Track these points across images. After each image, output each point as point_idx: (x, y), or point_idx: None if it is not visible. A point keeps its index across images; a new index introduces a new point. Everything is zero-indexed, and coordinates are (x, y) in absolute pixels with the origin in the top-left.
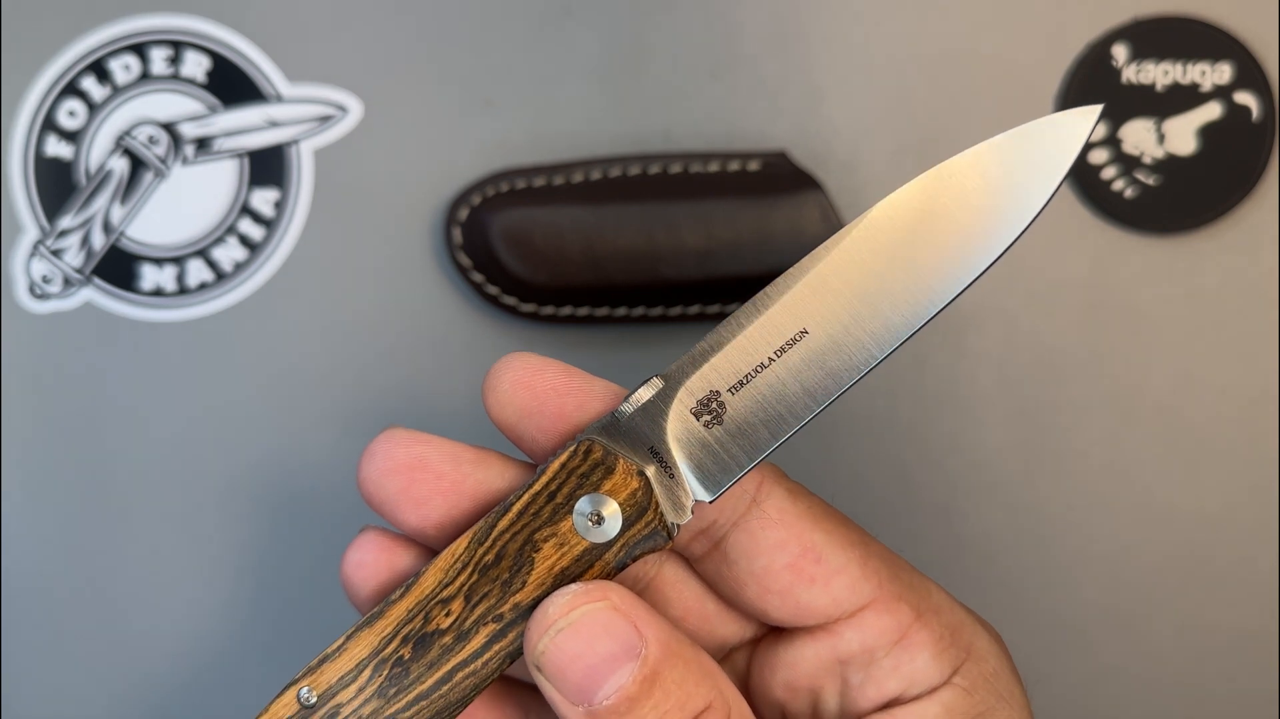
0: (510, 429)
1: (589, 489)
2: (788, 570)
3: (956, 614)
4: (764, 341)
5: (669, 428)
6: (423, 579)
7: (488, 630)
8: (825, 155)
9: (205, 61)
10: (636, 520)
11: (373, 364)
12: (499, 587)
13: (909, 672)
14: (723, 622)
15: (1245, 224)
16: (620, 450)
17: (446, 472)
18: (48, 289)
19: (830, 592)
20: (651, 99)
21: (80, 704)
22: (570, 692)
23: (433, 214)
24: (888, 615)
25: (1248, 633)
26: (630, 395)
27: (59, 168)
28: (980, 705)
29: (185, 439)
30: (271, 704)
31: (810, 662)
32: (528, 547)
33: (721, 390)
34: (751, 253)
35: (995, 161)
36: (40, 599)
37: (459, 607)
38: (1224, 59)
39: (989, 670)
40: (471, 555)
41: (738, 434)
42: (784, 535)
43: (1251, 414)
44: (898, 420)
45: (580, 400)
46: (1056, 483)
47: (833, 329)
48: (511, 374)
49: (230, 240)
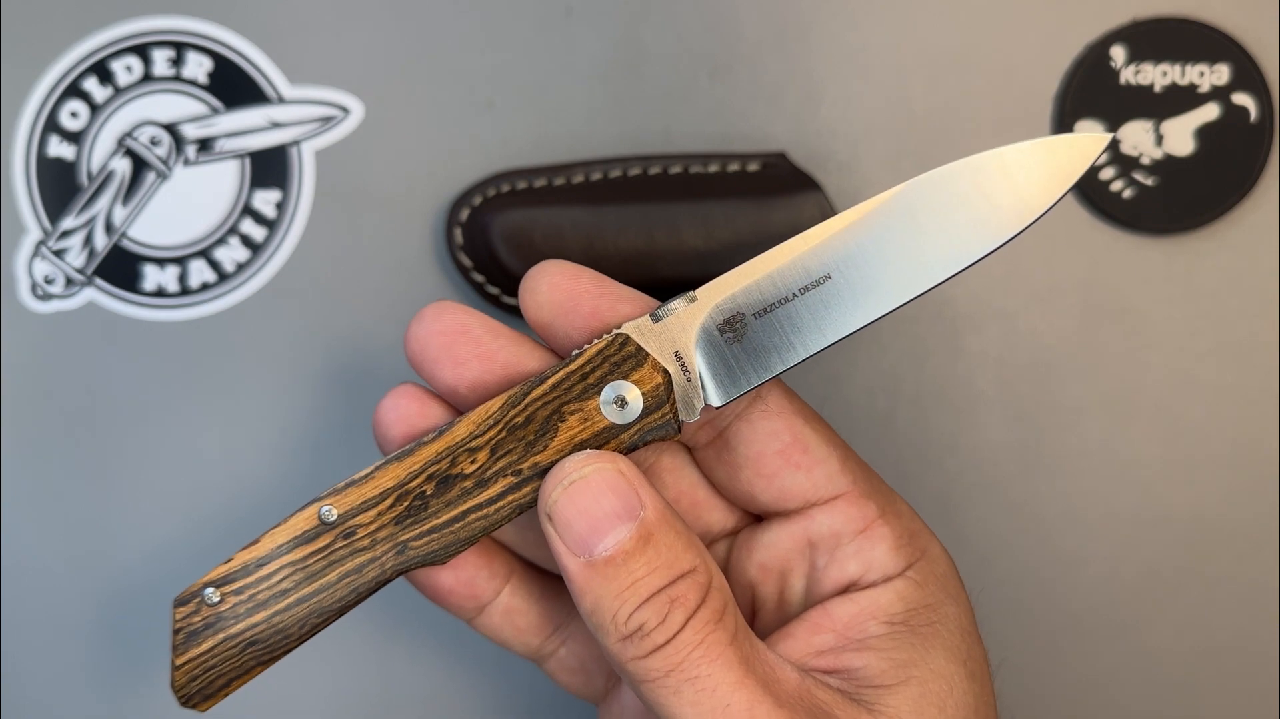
0: (545, 327)
1: (618, 376)
2: (778, 456)
3: (915, 523)
4: (793, 279)
5: (695, 337)
6: (455, 428)
7: (506, 482)
8: (824, 156)
9: (207, 63)
10: (654, 410)
11: (373, 364)
12: (523, 446)
13: (869, 558)
14: (710, 509)
15: (1243, 225)
16: (649, 348)
17: (485, 339)
18: (50, 289)
19: (812, 478)
20: (651, 99)
21: (81, 704)
22: (574, 542)
23: (434, 215)
24: (855, 507)
25: (1247, 633)
26: (666, 304)
27: (61, 168)
28: (930, 598)
29: (186, 439)
30: (292, 516)
31: (784, 542)
32: (555, 416)
33: (747, 314)
34: (751, 253)
35: (1016, 163)
36: (41, 598)
37: (484, 457)
38: (1222, 60)
39: (940, 571)
40: (504, 415)
41: (753, 354)
42: (779, 425)
43: (1251, 414)
44: (897, 420)
45: (612, 303)
46: (1055, 483)
47: (853, 279)
48: (549, 278)
49: (232, 241)
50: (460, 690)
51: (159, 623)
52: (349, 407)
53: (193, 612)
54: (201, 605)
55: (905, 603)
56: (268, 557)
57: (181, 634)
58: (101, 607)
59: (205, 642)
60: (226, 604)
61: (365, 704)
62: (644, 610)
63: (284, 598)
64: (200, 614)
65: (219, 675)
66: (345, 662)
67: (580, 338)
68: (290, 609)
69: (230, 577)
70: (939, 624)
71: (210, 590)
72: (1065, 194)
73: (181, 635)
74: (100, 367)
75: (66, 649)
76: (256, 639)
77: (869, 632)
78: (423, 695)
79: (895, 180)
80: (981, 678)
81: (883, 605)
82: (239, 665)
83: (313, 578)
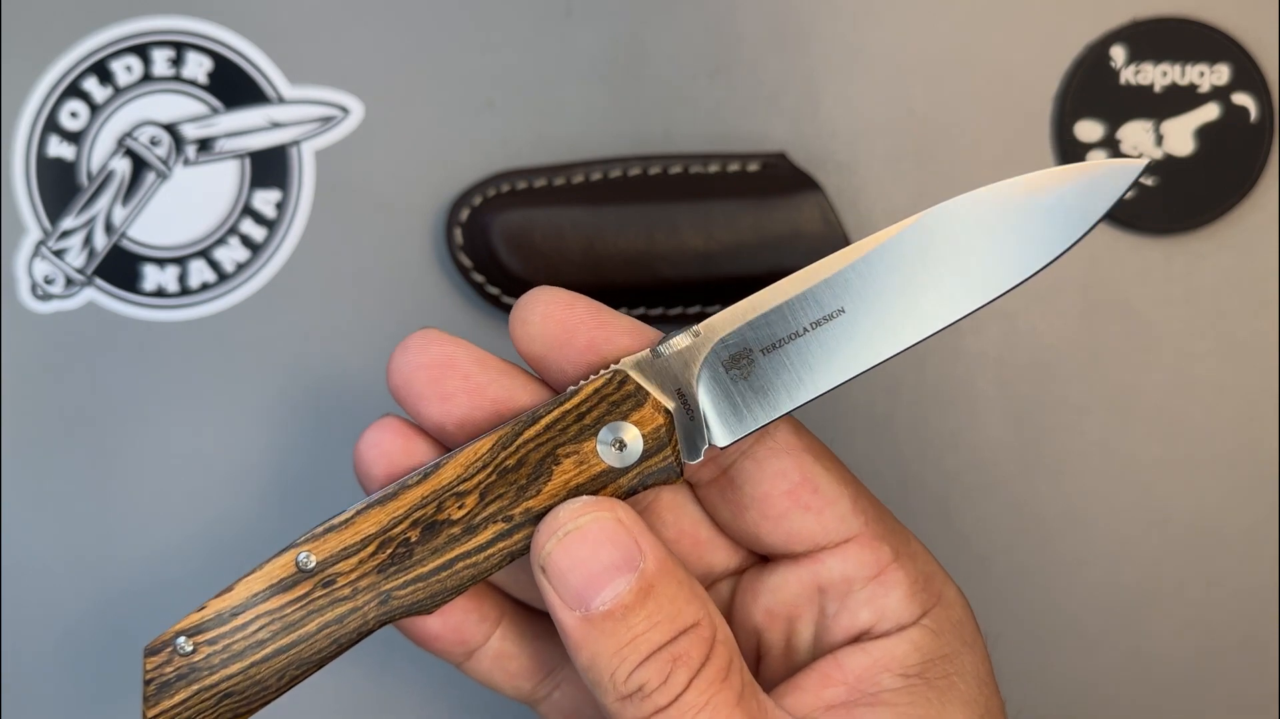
0: (538, 360)
1: (617, 416)
2: (786, 497)
3: (930, 565)
4: (803, 312)
5: (699, 373)
6: (441, 470)
7: (496, 529)
8: (824, 156)
9: (207, 63)
10: (655, 453)
11: (374, 364)
12: (514, 490)
13: (882, 606)
14: (712, 549)
15: (1243, 225)
16: (650, 387)
17: (474, 373)
18: (50, 289)
19: (822, 520)
20: (651, 99)
21: (81, 704)
22: (570, 595)
23: (433, 215)
24: (869, 551)
25: (1247, 633)
26: (668, 339)
27: (61, 168)
28: (946, 648)
29: (186, 439)
30: (267, 563)
31: (792, 587)
32: (549, 459)
33: (754, 349)
34: (751, 253)
35: (1048, 188)
36: (41, 599)
37: (473, 502)
38: (1222, 60)
39: (956, 618)
40: (494, 457)
41: (760, 392)
42: (787, 465)
43: (1251, 414)
44: (897, 420)
45: (609, 334)
46: (1055, 483)
47: (870, 314)
48: (541, 308)
49: (232, 241)
50: (458, 698)
51: (159, 623)
52: (349, 407)
53: (164, 662)
54: (174, 655)
55: (921, 654)
56: (242, 605)
57: (153, 685)
58: (101, 607)
59: (179, 693)
60: (200, 654)
61: (365, 710)
62: (645, 669)
63: (260, 648)
64: (173, 664)
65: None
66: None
67: (576, 372)
68: (268, 660)
69: (203, 625)
70: (955, 676)
71: (182, 640)
72: (1097, 224)
73: (153, 687)
74: (100, 367)
75: (66, 649)
76: (232, 691)
77: (883, 685)
78: (420, 702)
79: (895, 180)
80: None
81: (897, 657)
82: (214, 717)
83: (291, 628)
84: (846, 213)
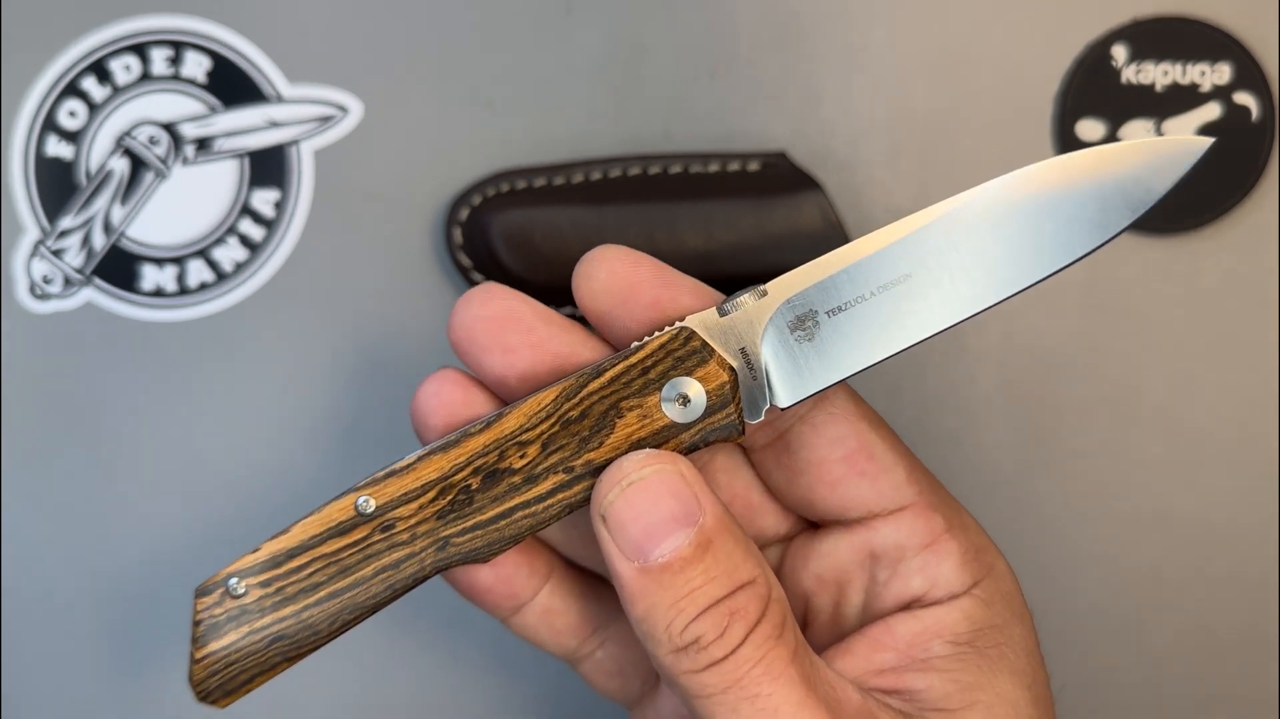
0: (601, 316)
1: (682, 372)
2: (842, 463)
3: (982, 538)
4: (871, 276)
5: (764, 334)
6: (504, 419)
7: (556, 479)
8: (824, 156)
9: (206, 62)
10: (718, 410)
11: (373, 364)
12: (577, 442)
13: (934, 574)
14: (763, 514)
15: (1245, 224)
16: (715, 344)
17: (537, 326)
18: (48, 289)
19: (877, 487)
20: (651, 99)
21: (81, 704)
22: (629, 546)
23: (433, 214)
24: (922, 520)
25: (1247, 633)
26: (734, 298)
27: (60, 168)
28: (997, 618)
29: (185, 439)
30: (327, 506)
31: (844, 553)
32: (612, 411)
33: (820, 311)
34: (751, 253)
35: (1114, 161)
36: (40, 599)
37: (534, 452)
38: (1223, 59)
39: (1006, 589)
40: (557, 408)
41: (824, 353)
42: (844, 431)
43: (1251, 414)
44: (898, 420)
45: (674, 293)
46: (1056, 483)
47: (936, 279)
48: (607, 264)
49: (231, 240)
50: (473, 689)
51: (159, 623)
52: (348, 407)
53: (215, 603)
54: (225, 597)
55: (971, 623)
56: (298, 548)
57: (202, 626)
58: (101, 606)
59: (228, 635)
60: (251, 597)
61: (375, 702)
62: (701, 622)
63: (314, 592)
64: (223, 606)
65: (241, 671)
66: (354, 658)
67: (639, 329)
68: (321, 604)
69: (256, 567)
70: (1005, 646)
71: (235, 581)
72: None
73: (202, 628)
74: (99, 366)
75: (67, 649)
76: (283, 634)
77: (933, 652)
78: (431, 693)
79: (896, 180)
80: (1045, 703)
81: (948, 624)
82: (263, 661)
83: (346, 572)
84: (847, 212)
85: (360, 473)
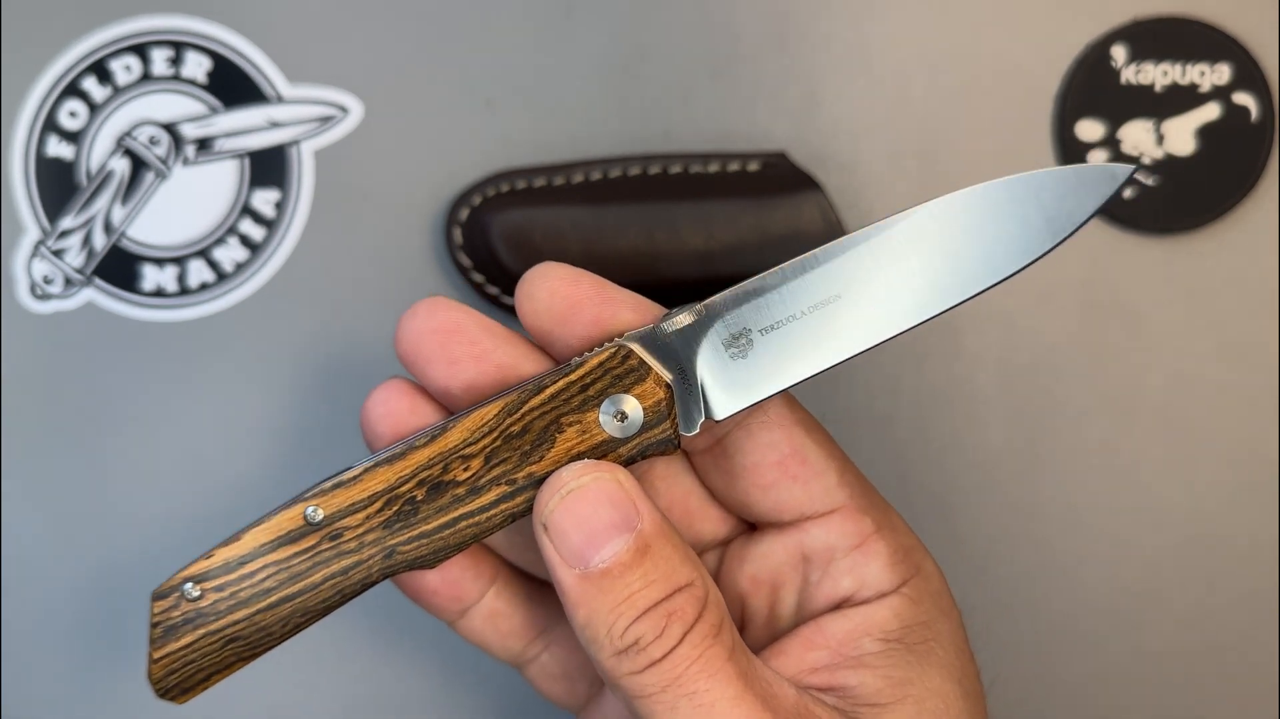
0: (543, 335)
1: (619, 389)
2: (775, 467)
3: (910, 538)
4: (803, 295)
5: (700, 350)
6: (448, 433)
7: (499, 491)
8: (825, 156)
9: (206, 62)
10: (655, 425)
11: (373, 364)
12: (518, 455)
13: (863, 574)
14: (702, 518)
15: (1244, 224)
16: (652, 361)
17: (480, 339)
18: (49, 289)
19: (809, 491)
20: (651, 99)
21: (81, 704)
22: (569, 553)
23: (433, 214)
24: (852, 522)
25: (1247, 633)
26: (671, 315)
27: (60, 168)
28: (924, 615)
29: (185, 439)
30: (275, 514)
31: (778, 555)
32: (553, 427)
33: (753, 329)
34: (751, 253)
35: (1038, 186)
36: (40, 599)
37: (478, 465)
38: (1223, 60)
39: (934, 588)
40: (499, 423)
41: (758, 369)
42: (777, 436)
43: (1251, 414)
44: (898, 420)
45: (614, 310)
46: (1056, 483)
47: (865, 300)
48: (547, 284)
49: (231, 241)
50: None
51: None
52: (348, 406)
53: (171, 606)
54: (181, 600)
55: (900, 620)
56: (250, 555)
57: (160, 628)
58: (101, 606)
59: (184, 637)
60: (206, 600)
61: (349, 706)
62: (640, 624)
63: (266, 597)
64: (179, 609)
65: (198, 670)
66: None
67: (580, 345)
68: (273, 608)
69: (210, 573)
70: (934, 642)
71: (190, 585)
72: (1091, 217)
73: (160, 629)
74: (99, 366)
75: (66, 648)
76: (238, 636)
77: (864, 649)
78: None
79: (896, 180)
80: (975, 696)
81: (878, 622)
82: (219, 661)
83: (297, 578)
84: (847, 212)
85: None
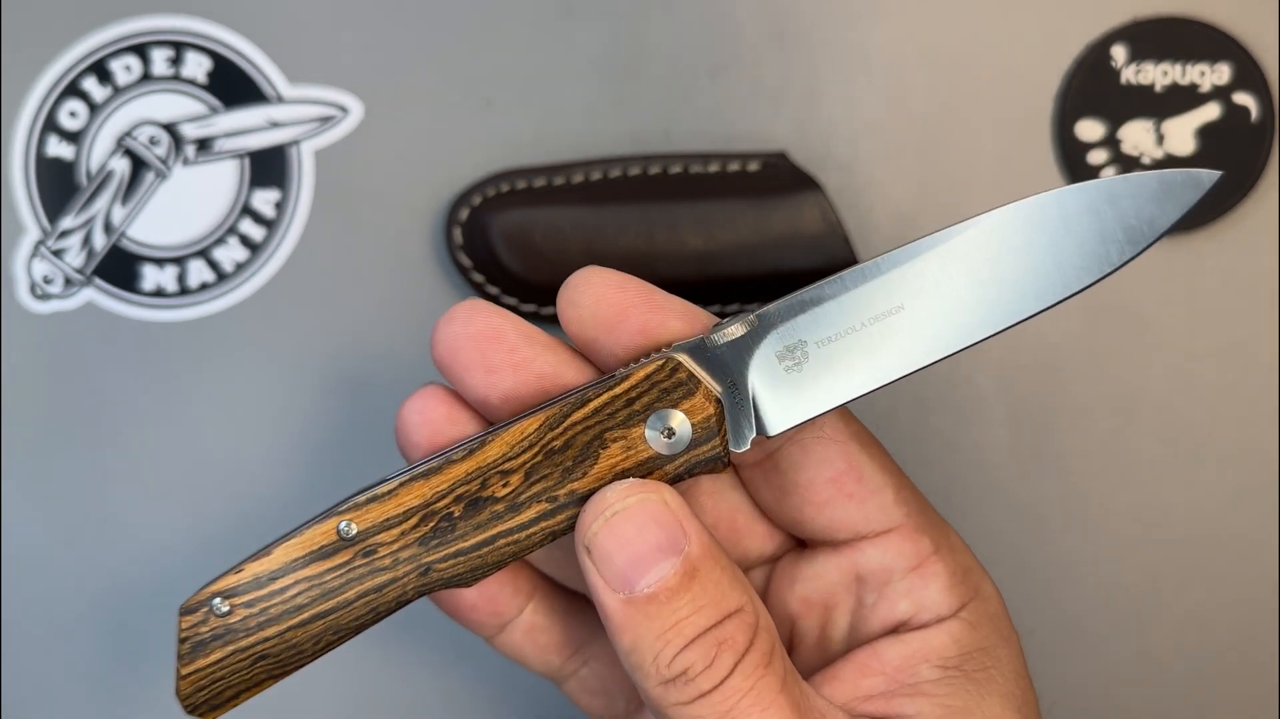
0: (588, 343)
1: (667, 404)
2: (830, 484)
3: (969, 559)
4: (863, 306)
5: (752, 363)
6: (487, 447)
7: (539, 508)
8: (824, 156)
9: (206, 62)
10: (704, 442)
11: (373, 364)
12: (560, 472)
13: (921, 597)
14: (750, 535)
15: (1245, 224)
16: (701, 374)
17: (520, 346)
18: (49, 289)
19: (864, 509)
20: (651, 99)
21: (81, 704)
22: (613, 577)
23: (433, 214)
24: (910, 542)
25: (1247, 633)
26: (722, 326)
27: (60, 168)
28: (984, 641)
29: (185, 439)
30: (308, 529)
31: (831, 575)
32: (596, 442)
33: (809, 341)
34: (751, 253)
35: (1117, 194)
36: (40, 599)
37: (517, 481)
38: (1223, 60)
39: (992, 612)
40: (540, 437)
41: (813, 383)
42: (833, 452)
43: (1251, 414)
44: (898, 421)
45: (662, 318)
46: (1056, 483)
47: (927, 313)
48: (593, 290)
49: (231, 241)
50: (466, 702)
51: (160, 623)
52: (348, 407)
53: (200, 621)
54: (210, 615)
55: (959, 646)
56: (281, 570)
57: (188, 644)
58: (101, 607)
59: (213, 653)
60: (236, 616)
61: (369, 710)
62: (689, 653)
63: (298, 613)
64: (208, 624)
65: (227, 687)
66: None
67: (626, 355)
68: (305, 625)
69: (240, 588)
70: (993, 669)
71: (219, 601)
72: (1162, 236)
73: (188, 645)
74: (99, 367)
75: (67, 649)
76: (267, 654)
77: (922, 676)
78: (424, 704)
79: (896, 180)
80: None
81: (936, 648)
82: (249, 678)
83: (329, 595)
84: (847, 212)
85: (360, 474)
